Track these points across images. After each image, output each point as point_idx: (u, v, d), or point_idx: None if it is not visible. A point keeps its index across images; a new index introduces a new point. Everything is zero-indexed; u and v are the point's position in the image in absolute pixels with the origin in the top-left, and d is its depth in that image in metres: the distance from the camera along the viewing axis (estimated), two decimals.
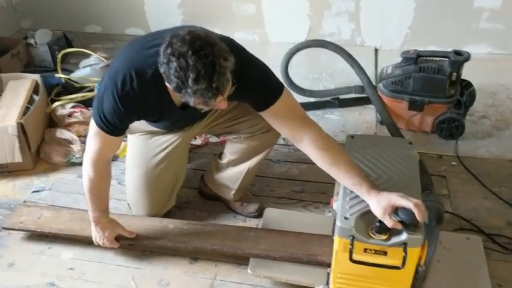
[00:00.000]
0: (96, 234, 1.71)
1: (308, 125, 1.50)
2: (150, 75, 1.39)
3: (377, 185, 1.40)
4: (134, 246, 1.79)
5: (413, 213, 1.28)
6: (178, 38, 1.23)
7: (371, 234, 1.33)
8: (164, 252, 1.78)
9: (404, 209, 1.30)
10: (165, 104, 1.49)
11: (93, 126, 1.52)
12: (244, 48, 1.49)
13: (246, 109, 1.76)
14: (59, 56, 2.71)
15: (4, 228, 1.87)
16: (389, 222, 1.30)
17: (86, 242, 1.78)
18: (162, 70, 1.28)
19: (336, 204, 1.42)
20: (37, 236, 1.88)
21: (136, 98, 1.43)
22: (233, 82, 1.29)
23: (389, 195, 1.33)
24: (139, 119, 1.60)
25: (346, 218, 1.34)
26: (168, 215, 1.90)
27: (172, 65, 1.22)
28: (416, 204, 1.29)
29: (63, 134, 2.28)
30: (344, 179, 1.42)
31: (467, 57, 2.21)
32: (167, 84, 1.31)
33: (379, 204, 1.32)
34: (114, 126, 1.49)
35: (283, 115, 1.50)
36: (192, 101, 1.28)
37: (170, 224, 1.82)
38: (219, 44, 1.25)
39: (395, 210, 1.31)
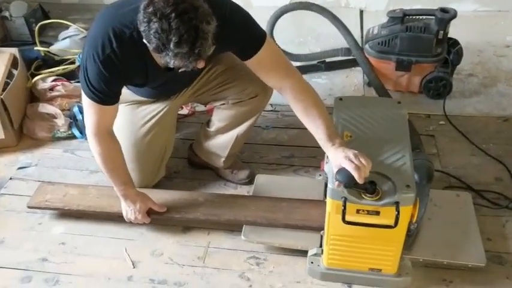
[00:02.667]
0: (127, 209, 1.68)
1: (291, 74, 1.52)
2: (128, 35, 1.35)
3: (339, 141, 1.40)
4: (165, 221, 1.75)
5: (349, 176, 1.28)
6: None
7: (363, 195, 1.33)
8: (156, 223, 1.77)
9: (343, 170, 1.29)
10: (149, 64, 1.45)
11: (85, 99, 1.48)
12: None
13: (234, 74, 1.74)
14: (36, 28, 2.63)
15: (29, 207, 1.81)
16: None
17: (117, 219, 1.73)
18: (141, 28, 1.23)
19: (327, 166, 1.42)
20: (25, 213, 1.86)
21: (118, 60, 1.38)
22: (213, 43, 1.26)
23: (342, 152, 1.33)
24: (126, 83, 1.55)
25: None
26: (157, 185, 1.88)
27: (153, 25, 1.18)
28: (357, 167, 1.27)
29: (46, 108, 2.22)
30: (314, 131, 1.45)
31: (453, 15, 2.18)
32: (146, 42, 1.26)
33: (333, 160, 1.35)
34: (105, 94, 1.45)
35: (267, 63, 1.50)
36: (171, 63, 1.26)
37: (200, 197, 1.79)
38: (202, 7, 1.21)
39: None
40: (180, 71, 1.32)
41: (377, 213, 1.33)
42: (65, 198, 1.81)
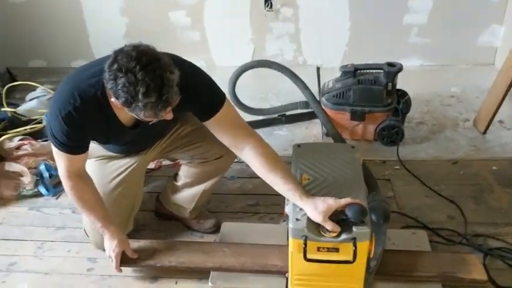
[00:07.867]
0: (106, 245, 1.71)
1: (249, 134, 1.58)
2: (92, 95, 1.43)
3: (310, 191, 1.47)
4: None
5: (361, 210, 1.37)
6: (123, 54, 1.28)
7: (322, 233, 1.40)
8: (123, 275, 1.78)
9: (350, 207, 1.38)
10: (112, 124, 1.52)
11: (53, 147, 1.55)
12: (187, 61, 1.56)
13: (200, 135, 1.81)
14: (4, 90, 2.68)
15: (120, 265, 1.74)
16: (329, 225, 1.37)
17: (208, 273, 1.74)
18: (109, 86, 1.31)
19: (288, 207, 1.49)
20: None
21: (80, 118, 1.45)
22: (179, 93, 1.35)
23: (326, 199, 1.39)
24: (89, 138, 1.60)
25: (297, 219, 1.41)
26: None
27: (119, 80, 1.26)
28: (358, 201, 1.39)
29: (12, 166, 2.24)
30: (280, 185, 1.48)
31: (399, 68, 2.38)
32: (114, 100, 1.34)
33: (316, 209, 1.38)
34: (69, 146, 1.51)
35: (225, 124, 1.56)
36: (142, 114, 1.33)
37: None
38: (163, 58, 1.31)
39: (342, 211, 1.38)
40: (150, 123, 1.39)
41: (336, 250, 1.41)
42: (154, 255, 1.78)
